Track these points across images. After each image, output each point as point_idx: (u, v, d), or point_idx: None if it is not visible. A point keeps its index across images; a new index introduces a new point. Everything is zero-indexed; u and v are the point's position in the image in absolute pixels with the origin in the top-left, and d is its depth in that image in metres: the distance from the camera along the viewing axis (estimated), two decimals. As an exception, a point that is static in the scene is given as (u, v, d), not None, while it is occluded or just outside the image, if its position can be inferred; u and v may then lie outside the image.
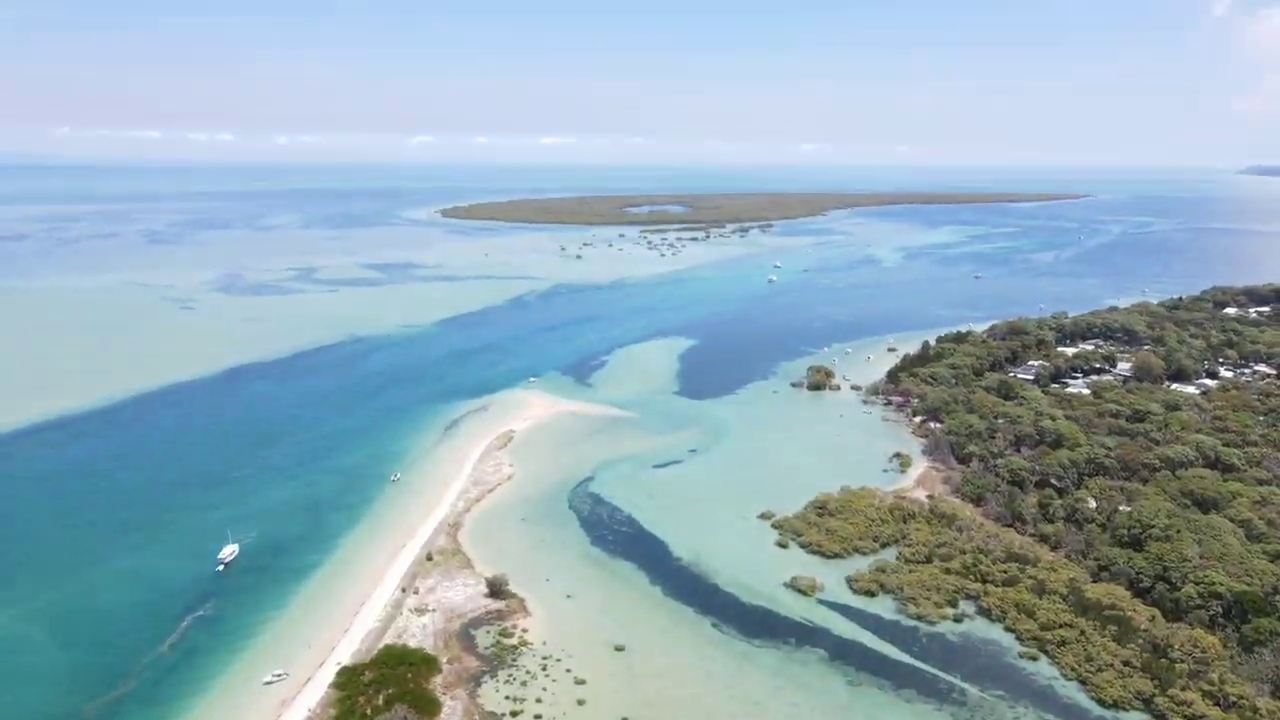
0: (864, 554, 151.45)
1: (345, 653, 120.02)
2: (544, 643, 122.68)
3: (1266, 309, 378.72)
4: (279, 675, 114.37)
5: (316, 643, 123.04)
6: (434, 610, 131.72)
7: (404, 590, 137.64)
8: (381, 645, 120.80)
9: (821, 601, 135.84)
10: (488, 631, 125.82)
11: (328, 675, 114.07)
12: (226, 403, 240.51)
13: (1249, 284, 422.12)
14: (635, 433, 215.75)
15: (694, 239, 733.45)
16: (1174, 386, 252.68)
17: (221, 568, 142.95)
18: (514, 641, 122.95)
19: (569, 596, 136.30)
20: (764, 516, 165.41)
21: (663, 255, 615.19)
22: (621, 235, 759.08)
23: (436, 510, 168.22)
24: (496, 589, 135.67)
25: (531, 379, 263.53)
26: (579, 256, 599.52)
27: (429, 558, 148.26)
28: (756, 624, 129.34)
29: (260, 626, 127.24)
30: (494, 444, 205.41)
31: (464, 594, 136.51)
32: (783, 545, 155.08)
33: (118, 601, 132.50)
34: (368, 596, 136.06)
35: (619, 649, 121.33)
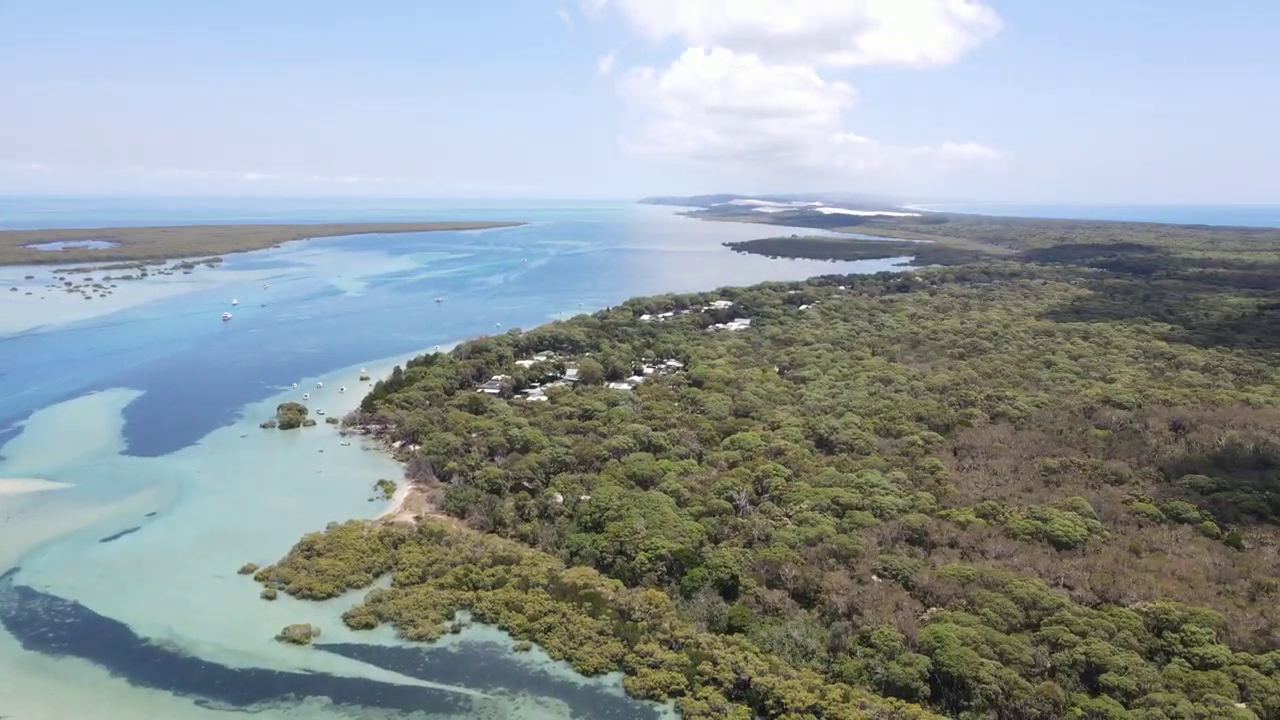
0: (359, 587, 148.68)
1: None
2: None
3: (670, 314, 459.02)
4: None
5: None
6: None
7: None
8: None
9: (319, 646, 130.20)
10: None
11: None
12: None
13: (656, 294, 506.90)
14: (72, 505, 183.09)
15: (127, 278, 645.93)
16: (612, 385, 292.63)
17: None
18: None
19: (2, 718, 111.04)
20: (245, 570, 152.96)
21: (89, 298, 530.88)
22: (29, 277, 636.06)
23: None
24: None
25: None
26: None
27: None
28: (249, 688, 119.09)
29: None
30: None
31: None
32: (270, 597, 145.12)
33: None
34: None
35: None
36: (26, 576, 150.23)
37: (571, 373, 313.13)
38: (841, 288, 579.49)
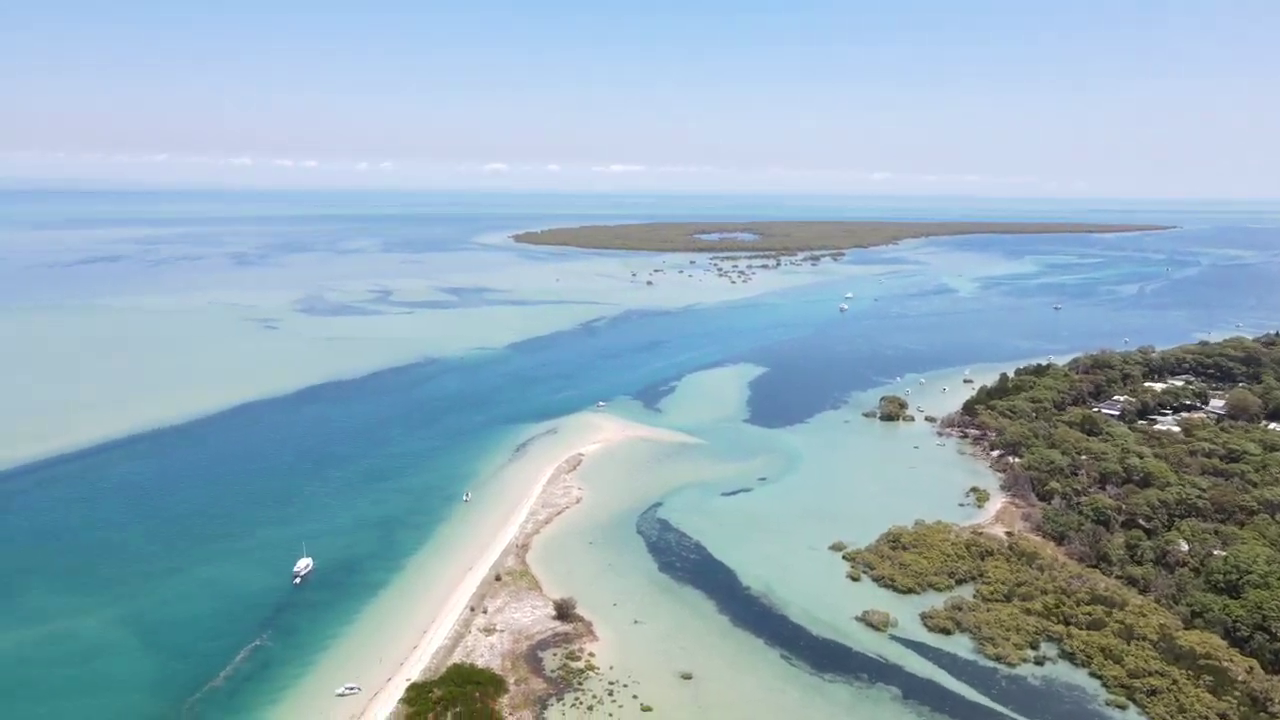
0: (939, 590, 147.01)
1: (415, 669, 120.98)
2: (611, 667, 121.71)
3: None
4: (351, 689, 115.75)
5: (387, 658, 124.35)
6: (502, 630, 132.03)
7: (472, 609, 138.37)
8: (450, 663, 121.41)
9: (895, 637, 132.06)
10: (555, 654, 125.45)
11: (397, 691, 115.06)
12: (303, 420, 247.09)
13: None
14: (704, 459, 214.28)
15: (764, 266, 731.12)
16: (1272, 426, 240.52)
17: (297, 581, 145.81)
18: (581, 665, 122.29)
19: (636, 622, 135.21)
20: (835, 548, 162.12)
21: (733, 282, 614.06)
22: (692, 262, 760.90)
23: (505, 531, 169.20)
24: (564, 612, 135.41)
25: (601, 403, 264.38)
26: (649, 283, 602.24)
27: (498, 578, 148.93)
28: (827, 658, 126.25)
29: (333, 640, 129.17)
30: (563, 467, 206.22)
31: (531, 615, 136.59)
32: (854, 578, 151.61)
33: (198, 610, 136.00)
34: (437, 614, 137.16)
35: (686, 677, 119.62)
36: (666, 511, 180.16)
37: (1216, 403, 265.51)
38: None
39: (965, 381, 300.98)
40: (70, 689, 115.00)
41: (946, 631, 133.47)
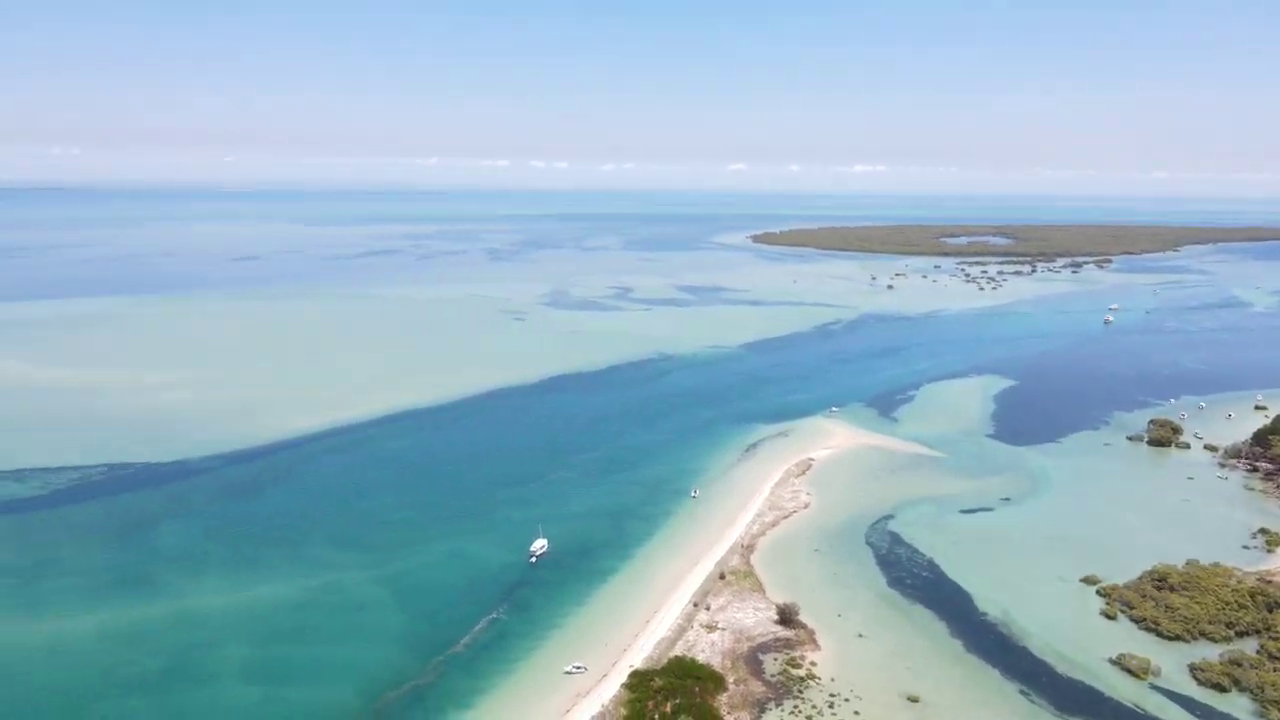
0: (1213, 640, 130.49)
1: (638, 656, 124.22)
2: (832, 679, 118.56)
3: None
4: (578, 668, 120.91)
5: (612, 643, 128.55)
6: (723, 629, 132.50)
7: (696, 605, 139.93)
8: (671, 655, 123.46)
9: (1156, 687, 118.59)
10: (775, 659, 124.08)
11: (621, 675, 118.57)
12: (545, 408, 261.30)
13: None
14: (941, 473, 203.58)
15: (1017, 273, 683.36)
16: None
17: (533, 560, 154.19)
18: (801, 673, 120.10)
19: (861, 636, 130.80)
20: (1088, 581, 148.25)
21: (981, 289, 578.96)
22: (936, 266, 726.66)
23: (732, 530, 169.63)
24: (786, 617, 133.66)
25: (833, 408, 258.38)
26: (890, 286, 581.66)
27: (721, 576, 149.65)
28: (1073, 700, 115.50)
29: (563, 619, 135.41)
30: (792, 470, 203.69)
31: (754, 617, 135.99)
32: (1109, 616, 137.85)
33: (446, 578, 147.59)
34: (661, 606, 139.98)
35: (913, 700, 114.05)
36: (897, 525, 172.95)
37: None
38: None
39: (1257, 408, 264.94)
40: (339, 635, 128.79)
41: (1221, 688, 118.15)
